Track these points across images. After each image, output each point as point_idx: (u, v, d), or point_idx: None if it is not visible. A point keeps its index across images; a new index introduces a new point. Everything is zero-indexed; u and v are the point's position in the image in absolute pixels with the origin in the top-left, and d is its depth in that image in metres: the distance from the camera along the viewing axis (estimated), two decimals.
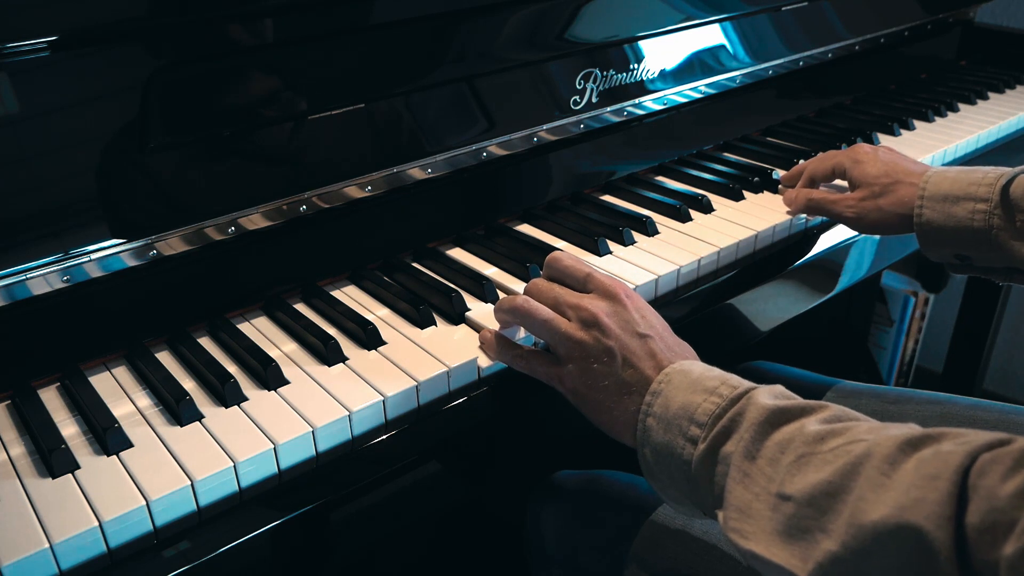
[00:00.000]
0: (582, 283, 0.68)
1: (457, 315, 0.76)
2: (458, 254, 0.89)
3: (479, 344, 0.71)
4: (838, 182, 0.98)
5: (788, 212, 0.95)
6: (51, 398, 0.67)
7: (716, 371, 0.60)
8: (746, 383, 0.58)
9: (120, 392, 0.68)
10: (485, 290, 0.79)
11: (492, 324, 0.74)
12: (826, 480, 0.48)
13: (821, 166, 0.95)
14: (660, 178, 1.07)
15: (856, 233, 0.97)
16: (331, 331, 0.74)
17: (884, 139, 1.18)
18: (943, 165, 1.13)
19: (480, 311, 0.77)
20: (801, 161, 1.04)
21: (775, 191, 1.02)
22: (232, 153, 0.74)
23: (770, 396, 0.55)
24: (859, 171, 0.89)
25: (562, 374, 0.65)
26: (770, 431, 0.53)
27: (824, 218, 0.96)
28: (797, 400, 0.55)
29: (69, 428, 0.63)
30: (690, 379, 0.59)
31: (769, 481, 0.51)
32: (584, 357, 0.63)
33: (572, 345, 0.64)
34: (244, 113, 0.74)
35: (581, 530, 0.81)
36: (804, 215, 0.95)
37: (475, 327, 0.75)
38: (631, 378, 0.62)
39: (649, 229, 0.91)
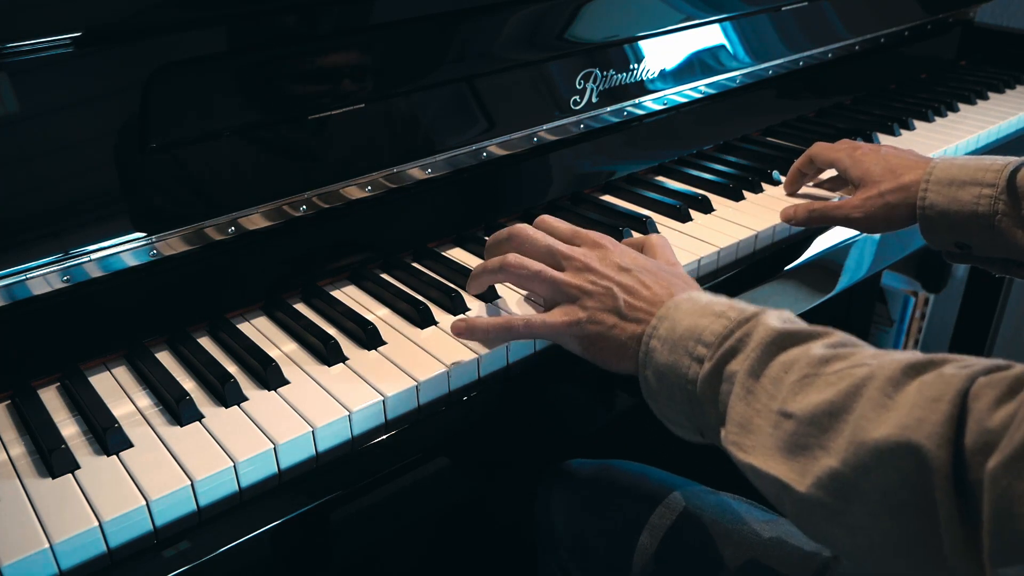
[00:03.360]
0: (569, 238, 0.71)
1: (457, 315, 0.76)
2: (458, 254, 0.89)
3: (460, 334, 0.69)
4: (827, 192, 0.99)
5: (788, 223, 0.93)
6: (51, 398, 0.67)
7: (724, 297, 0.62)
8: (754, 307, 0.59)
9: (120, 392, 0.68)
10: (486, 290, 0.79)
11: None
12: (828, 400, 0.49)
13: (825, 153, 0.94)
14: (660, 178, 1.07)
15: (856, 233, 0.97)
16: (331, 331, 0.74)
17: (884, 139, 1.18)
18: None
19: (481, 310, 0.77)
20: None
21: (775, 191, 1.02)
22: (232, 153, 0.74)
23: (778, 319, 0.57)
24: (861, 169, 0.88)
25: (569, 322, 0.65)
26: (776, 352, 0.54)
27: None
28: (804, 325, 0.56)
29: (69, 428, 0.63)
30: (698, 305, 0.60)
31: (771, 399, 0.52)
32: (586, 300, 0.65)
33: (572, 290, 0.66)
34: (244, 113, 0.74)
35: (591, 516, 0.82)
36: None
37: None
38: (633, 309, 0.64)
39: (649, 229, 0.91)
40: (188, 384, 0.68)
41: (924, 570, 0.45)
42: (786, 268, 0.92)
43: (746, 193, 1.01)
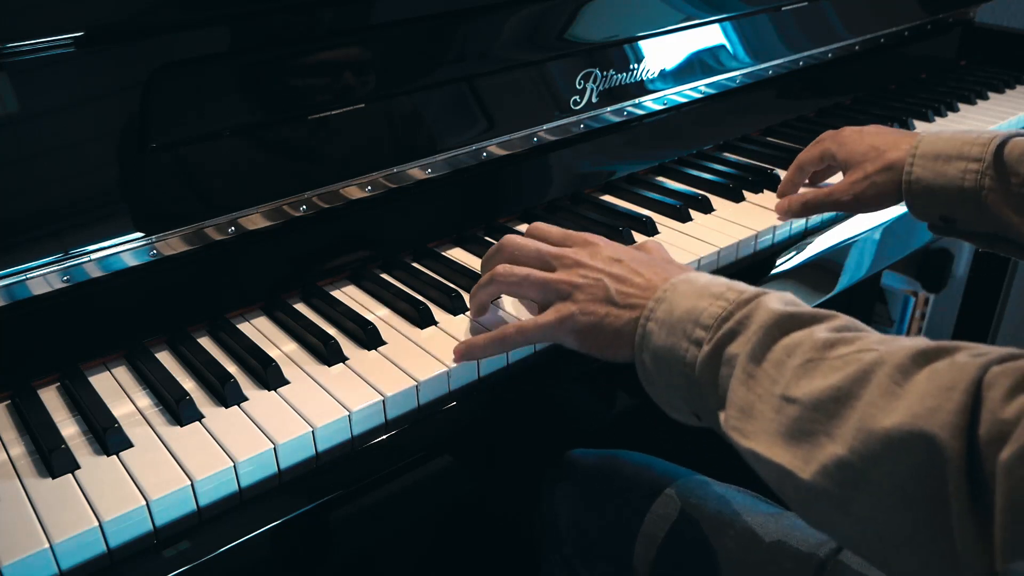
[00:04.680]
0: (560, 241, 0.71)
1: (458, 314, 0.76)
2: (458, 254, 0.89)
3: (461, 358, 0.69)
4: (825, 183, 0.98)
5: (781, 217, 0.94)
6: (51, 398, 0.67)
7: (723, 279, 0.60)
8: (754, 288, 0.58)
9: (120, 392, 0.68)
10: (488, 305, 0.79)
11: (493, 323, 0.74)
12: (834, 386, 0.48)
13: (809, 154, 0.95)
14: (660, 178, 1.07)
15: (856, 233, 0.97)
16: (331, 331, 0.74)
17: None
18: None
19: None
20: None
21: (775, 191, 1.02)
22: (232, 153, 0.74)
23: (780, 302, 0.55)
24: (846, 152, 0.89)
25: (560, 318, 0.64)
26: (778, 335, 0.53)
27: (823, 216, 0.96)
28: (807, 307, 0.55)
29: (69, 428, 0.63)
30: (696, 286, 0.59)
31: (773, 383, 0.51)
32: (576, 294, 0.64)
33: (563, 287, 0.65)
34: (244, 113, 0.74)
35: (594, 508, 0.82)
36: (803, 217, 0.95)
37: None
38: (626, 296, 0.63)
39: (649, 229, 0.91)
40: (188, 384, 0.68)
41: (933, 563, 0.44)
42: (786, 268, 0.92)
43: (746, 193, 1.01)
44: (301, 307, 0.79)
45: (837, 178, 1.03)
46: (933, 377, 0.45)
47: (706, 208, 0.97)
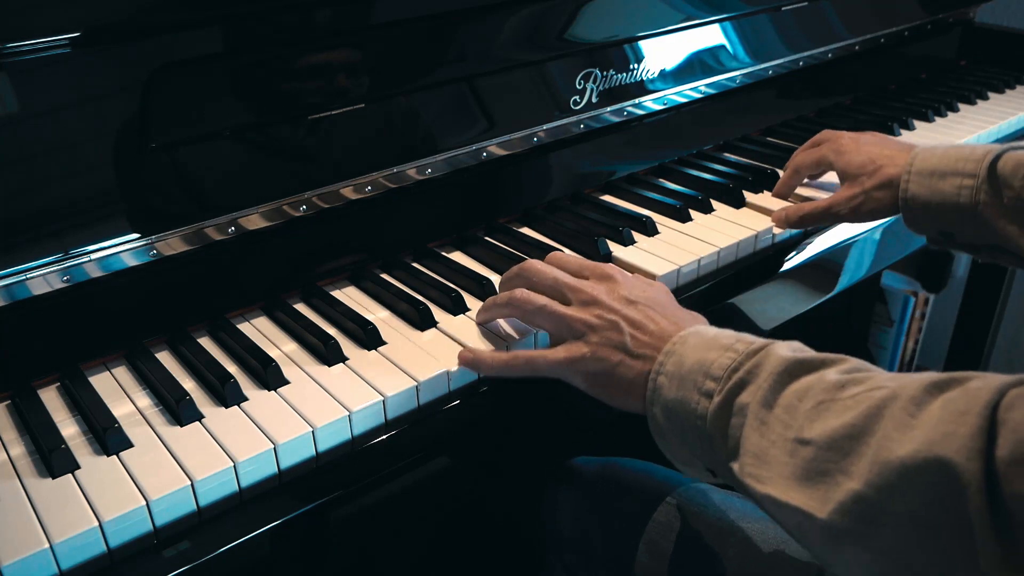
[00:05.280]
0: (577, 272, 0.70)
1: (458, 315, 0.76)
2: (458, 255, 0.89)
3: (465, 365, 0.69)
4: (822, 187, 0.98)
5: (778, 227, 0.93)
6: (51, 398, 0.67)
7: (731, 331, 0.61)
8: (762, 339, 0.58)
9: (120, 392, 0.68)
10: (485, 290, 0.79)
11: (493, 324, 0.74)
12: (848, 424, 0.48)
13: (805, 159, 0.96)
14: (660, 178, 1.07)
15: (856, 233, 0.97)
16: (331, 331, 0.74)
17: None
18: None
19: None
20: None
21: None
22: (231, 153, 0.74)
23: (788, 349, 0.56)
24: (843, 161, 0.90)
25: (571, 359, 0.64)
26: (789, 381, 0.53)
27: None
28: (815, 353, 0.55)
29: (69, 428, 0.63)
30: (705, 339, 0.59)
31: (786, 428, 0.51)
32: (591, 336, 0.63)
33: (578, 326, 0.64)
34: (244, 113, 0.74)
35: (596, 515, 0.82)
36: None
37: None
38: (640, 344, 0.62)
39: (649, 229, 0.91)
40: (188, 384, 0.68)
41: None
42: (786, 268, 0.92)
43: (746, 193, 1.00)
44: (301, 307, 0.79)
45: (832, 176, 1.03)
46: (947, 405, 0.45)
47: (706, 208, 0.97)
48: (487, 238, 0.91)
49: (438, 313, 0.77)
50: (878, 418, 0.47)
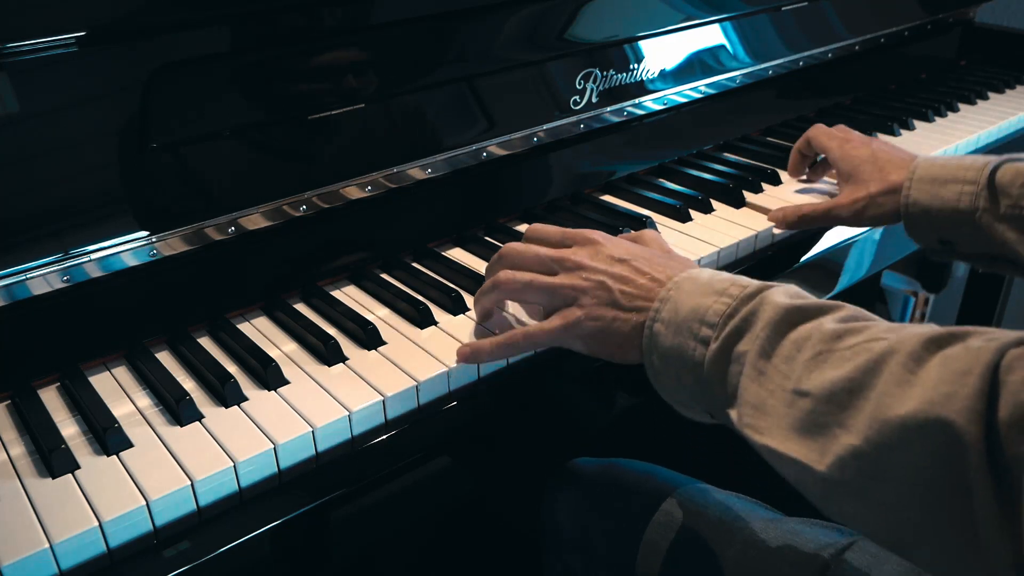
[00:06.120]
0: (559, 241, 0.70)
1: (458, 315, 0.76)
2: (458, 254, 0.89)
3: (466, 360, 0.69)
4: (824, 186, 0.98)
5: (777, 227, 0.93)
6: (51, 398, 0.67)
7: (726, 274, 0.61)
8: (757, 282, 0.58)
9: (120, 392, 0.68)
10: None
11: (493, 323, 0.74)
12: (846, 377, 0.48)
13: (818, 138, 0.96)
14: (660, 178, 1.07)
15: (856, 233, 0.97)
16: (331, 331, 0.74)
17: (884, 139, 1.18)
18: None
19: None
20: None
21: (775, 190, 1.02)
22: (232, 153, 0.74)
23: (785, 295, 0.56)
24: (849, 165, 0.90)
25: (567, 324, 0.64)
26: (786, 330, 0.53)
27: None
28: (813, 299, 0.55)
29: (69, 428, 0.63)
30: (699, 283, 0.60)
31: (785, 378, 0.52)
32: (582, 299, 0.64)
33: (567, 292, 0.65)
34: (244, 113, 0.74)
35: (597, 516, 0.82)
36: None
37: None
38: (631, 298, 0.63)
39: (649, 229, 0.91)
40: (188, 384, 0.68)
41: (958, 551, 0.44)
42: (787, 268, 0.92)
43: (746, 193, 1.00)
44: (301, 307, 0.79)
45: (827, 183, 1.04)
46: (946, 363, 0.45)
47: (706, 208, 0.97)
48: (487, 238, 0.91)
49: (438, 313, 0.77)
50: (876, 373, 0.47)
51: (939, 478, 0.43)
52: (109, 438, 0.61)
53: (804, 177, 1.04)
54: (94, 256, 0.67)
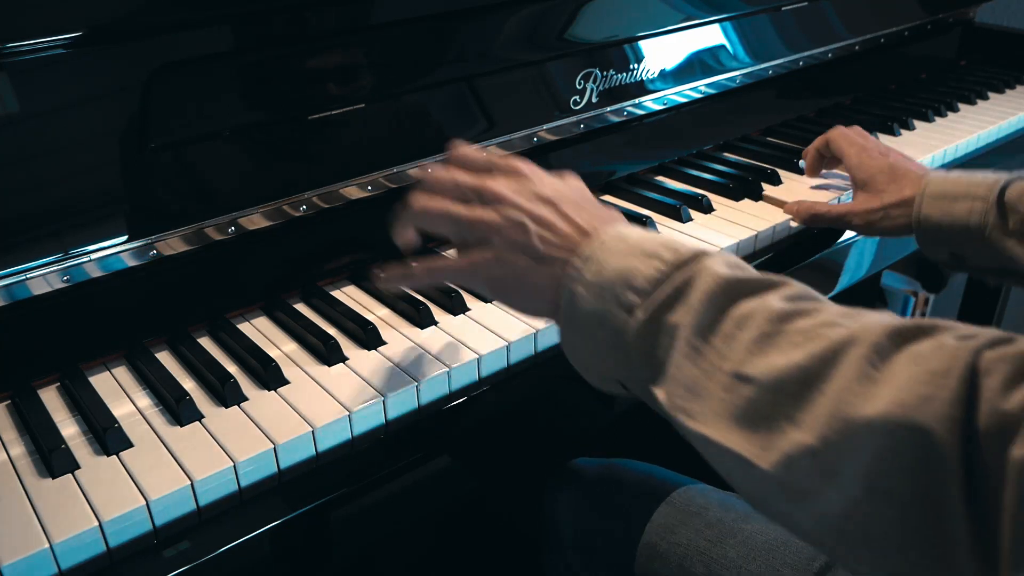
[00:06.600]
0: (485, 168, 0.62)
1: (458, 315, 0.76)
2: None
3: (380, 285, 0.65)
4: (837, 180, 0.98)
5: (794, 220, 0.95)
6: (51, 398, 0.67)
7: (658, 234, 0.55)
8: (693, 247, 0.52)
9: (120, 392, 0.68)
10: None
11: (493, 323, 0.74)
12: (798, 365, 0.44)
13: (837, 142, 0.96)
14: (660, 178, 1.07)
15: (856, 233, 0.97)
16: (331, 331, 0.74)
17: (884, 139, 1.18)
18: (943, 165, 1.14)
19: (481, 311, 0.77)
20: (802, 163, 1.05)
21: (775, 190, 1.02)
22: (231, 153, 0.74)
23: (723, 264, 0.50)
24: (865, 174, 0.90)
25: (473, 265, 0.58)
26: (726, 304, 0.48)
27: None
28: (755, 272, 0.50)
29: (69, 428, 0.63)
30: (628, 243, 0.53)
31: (722, 359, 0.47)
32: (494, 238, 0.57)
33: (480, 227, 0.58)
34: (244, 113, 0.74)
35: (597, 516, 0.82)
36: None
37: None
38: (550, 246, 0.56)
39: (649, 229, 0.91)
40: (188, 384, 0.68)
41: (924, 564, 0.40)
42: (787, 268, 0.92)
43: (746, 193, 1.01)
44: (301, 307, 0.79)
45: (837, 179, 1.04)
46: (918, 360, 0.41)
47: (706, 208, 0.97)
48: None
49: (438, 313, 0.77)
50: (834, 363, 0.43)
51: (904, 487, 0.40)
52: (109, 438, 0.61)
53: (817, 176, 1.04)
54: (94, 256, 0.67)
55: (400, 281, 0.64)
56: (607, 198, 1.01)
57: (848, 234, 0.97)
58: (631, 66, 1.00)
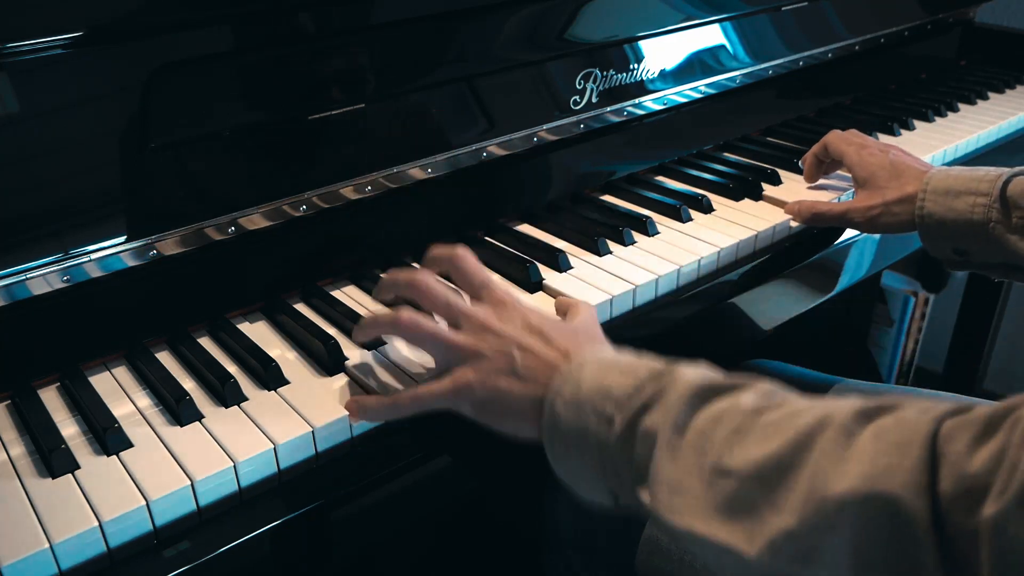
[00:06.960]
0: (476, 290, 0.66)
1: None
2: None
3: (352, 415, 0.64)
4: (837, 181, 0.98)
5: (795, 220, 0.95)
6: (51, 398, 0.67)
7: (631, 355, 0.57)
8: (664, 362, 0.55)
9: (120, 392, 0.68)
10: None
11: None
12: (773, 454, 0.45)
13: (835, 144, 0.96)
14: (660, 178, 1.07)
15: (856, 233, 0.97)
16: (331, 331, 0.74)
17: (884, 139, 1.18)
18: (944, 165, 1.13)
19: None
20: (802, 164, 1.05)
21: (775, 190, 1.02)
22: (232, 153, 0.74)
23: (694, 372, 0.53)
24: (866, 172, 0.90)
25: (457, 388, 0.60)
26: (700, 404, 0.50)
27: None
28: (723, 376, 0.53)
29: (69, 428, 0.63)
30: (604, 362, 0.56)
31: (701, 455, 0.48)
32: (480, 363, 0.60)
33: (466, 352, 0.60)
34: (244, 113, 0.74)
35: (597, 515, 0.82)
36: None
37: None
38: (530, 369, 0.59)
39: (649, 229, 0.91)
40: (188, 384, 0.68)
41: None
42: (787, 268, 0.92)
43: (746, 193, 1.01)
44: (301, 307, 0.79)
45: (838, 179, 1.04)
46: (881, 435, 0.42)
47: (706, 208, 0.97)
48: (487, 238, 0.91)
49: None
50: (807, 448, 0.44)
51: (882, 558, 0.40)
52: (109, 438, 0.61)
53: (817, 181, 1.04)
54: (94, 256, 0.67)
55: (389, 413, 0.64)
56: (607, 198, 1.01)
57: (848, 234, 0.97)
58: (631, 66, 1.00)
